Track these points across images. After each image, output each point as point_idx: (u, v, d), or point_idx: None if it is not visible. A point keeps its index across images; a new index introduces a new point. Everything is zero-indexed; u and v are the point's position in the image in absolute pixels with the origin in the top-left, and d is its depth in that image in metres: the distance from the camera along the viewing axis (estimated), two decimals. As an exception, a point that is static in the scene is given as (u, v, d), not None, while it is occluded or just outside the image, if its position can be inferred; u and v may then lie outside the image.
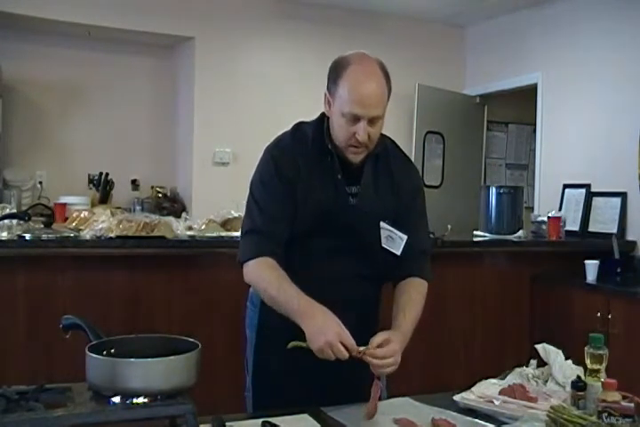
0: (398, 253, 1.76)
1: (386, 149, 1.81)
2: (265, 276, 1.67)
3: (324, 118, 1.78)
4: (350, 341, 1.49)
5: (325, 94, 1.72)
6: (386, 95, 1.67)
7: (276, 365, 1.76)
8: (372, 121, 1.64)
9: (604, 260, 3.73)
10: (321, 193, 1.71)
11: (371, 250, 1.76)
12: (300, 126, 1.81)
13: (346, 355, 1.48)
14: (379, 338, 1.55)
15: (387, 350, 1.53)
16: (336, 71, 1.67)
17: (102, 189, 4.82)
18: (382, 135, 1.76)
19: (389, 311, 1.74)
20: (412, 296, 1.75)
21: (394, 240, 1.75)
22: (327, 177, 1.73)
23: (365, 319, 1.76)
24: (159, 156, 5.22)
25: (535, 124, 5.04)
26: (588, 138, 4.47)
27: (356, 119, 1.63)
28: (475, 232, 4.03)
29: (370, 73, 1.64)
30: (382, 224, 1.75)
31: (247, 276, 1.72)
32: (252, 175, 1.80)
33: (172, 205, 4.89)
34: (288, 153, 1.74)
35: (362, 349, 1.51)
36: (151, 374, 1.23)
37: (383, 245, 1.75)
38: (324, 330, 1.50)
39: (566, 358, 1.77)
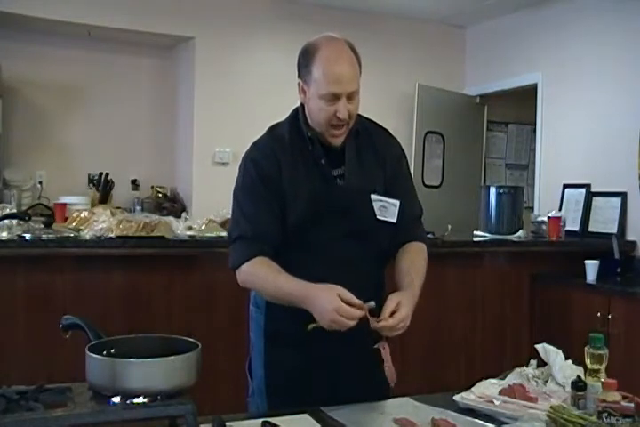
0: (394, 220, 1.78)
1: (364, 124, 1.84)
2: (259, 274, 1.67)
3: (297, 112, 1.81)
4: (349, 311, 1.50)
5: (299, 83, 1.75)
6: (358, 70, 1.72)
7: (288, 367, 1.76)
8: (349, 97, 1.68)
9: (603, 260, 3.73)
10: (308, 183, 1.72)
11: (368, 228, 1.77)
12: (273, 127, 1.84)
13: (351, 324, 1.50)
14: (391, 304, 1.57)
15: (399, 318, 1.55)
16: (306, 57, 1.72)
17: (102, 189, 4.82)
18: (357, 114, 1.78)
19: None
20: (415, 259, 1.78)
21: (387, 209, 1.77)
22: (311, 166, 1.74)
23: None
24: (159, 156, 5.22)
25: (535, 124, 5.04)
26: (588, 138, 4.47)
27: (334, 98, 1.66)
28: (475, 232, 4.03)
29: (339, 52, 1.69)
30: (373, 196, 1.76)
31: (241, 280, 1.72)
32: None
33: (172, 205, 4.89)
34: (266, 151, 1.76)
35: (367, 305, 1.53)
36: (151, 374, 1.23)
37: (378, 217, 1.76)
38: (323, 308, 1.51)
39: (566, 358, 1.77)
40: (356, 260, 1.76)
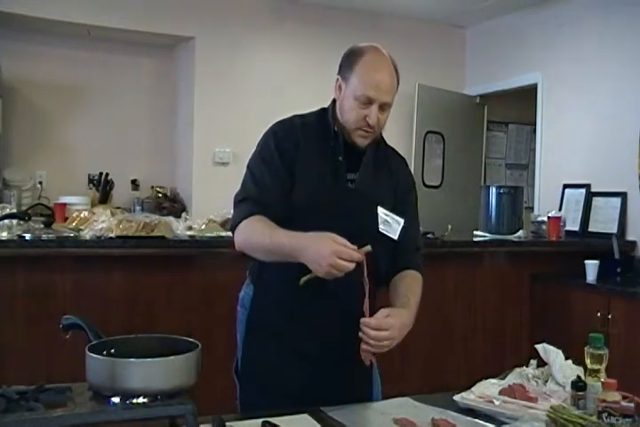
0: (395, 237, 1.78)
1: (384, 141, 1.88)
2: (256, 229, 1.66)
3: (325, 108, 1.84)
4: (348, 253, 1.48)
5: (337, 79, 1.78)
6: (396, 85, 1.77)
7: (264, 361, 1.76)
8: (381, 107, 1.72)
9: (603, 260, 3.73)
10: (319, 176, 1.73)
11: (369, 238, 1.73)
12: (300, 115, 1.85)
13: (351, 267, 1.48)
14: (381, 313, 1.56)
15: (382, 321, 1.53)
16: (351, 57, 1.76)
17: (102, 189, 4.82)
18: None
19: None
20: (412, 284, 1.78)
21: (390, 225, 1.78)
22: (328, 160, 1.75)
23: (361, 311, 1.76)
24: (159, 156, 5.22)
25: (535, 124, 5.04)
26: (588, 138, 4.47)
27: (368, 102, 1.70)
28: (475, 232, 4.03)
29: (384, 62, 1.76)
30: (379, 209, 1.77)
31: (238, 239, 1.71)
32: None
33: (172, 205, 4.89)
34: (289, 130, 1.78)
35: (364, 249, 1.51)
36: (151, 374, 1.23)
37: (380, 230, 1.76)
38: (320, 254, 1.49)
39: (566, 358, 1.77)
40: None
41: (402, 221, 1.79)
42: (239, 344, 1.86)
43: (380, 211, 1.77)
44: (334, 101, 1.81)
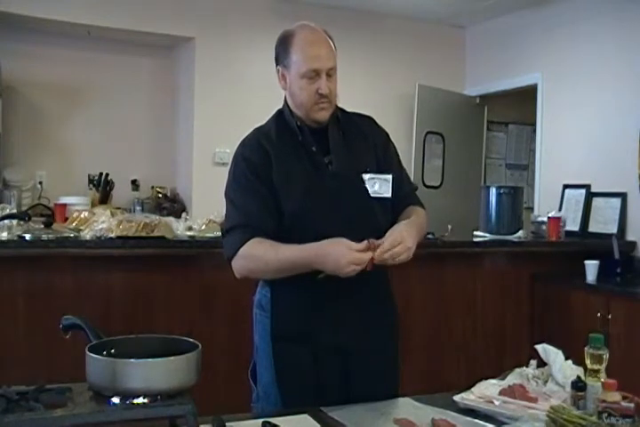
0: (389, 195, 1.81)
1: (345, 114, 1.88)
2: (258, 252, 1.67)
3: (281, 110, 1.85)
4: (361, 259, 1.57)
5: (278, 70, 1.80)
6: (334, 50, 1.78)
7: (299, 365, 1.75)
8: (328, 74, 1.74)
9: (603, 260, 3.73)
10: (301, 173, 1.74)
11: (365, 210, 1.77)
12: (259, 126, 1.87)
13: (366, 258, 1.57)
14: (386, 237, 1.63)
15: (392, 238, 1.61)
16: (284, 43, 1.78)
17: (102, 189, 4.82)
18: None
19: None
20: (410, 213, 1.83)
21: (380, 185, 1.80)
22: (302, 156, 1.76)
23: (379, 296, 1.77)
24: (159, 156, 5.22)
25: (535, 124, 5.04)
26: (588, 138, 4.47)
27: (315, 75, 1.72)
28: (475, 232, 4.02)
29: (314, 33, 1.78)
30: (365, 175, 1.79)
31: (238, 267, 1.71)
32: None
33: (172, 205, 4.89)
34: (254, 145, 1.79)
35: (377, 242, 1.60)
36: (151, 374, 1.23)
37: (372, 195, 1.78)
38: (339, 255, 1.57)
39: (566, 358, 1.77)
40: None
41: (389, 177, 1.81)
42: (260, 348, 1.82)
43: (367, 177, 1.78)
44: (285, 98, 1.83)
